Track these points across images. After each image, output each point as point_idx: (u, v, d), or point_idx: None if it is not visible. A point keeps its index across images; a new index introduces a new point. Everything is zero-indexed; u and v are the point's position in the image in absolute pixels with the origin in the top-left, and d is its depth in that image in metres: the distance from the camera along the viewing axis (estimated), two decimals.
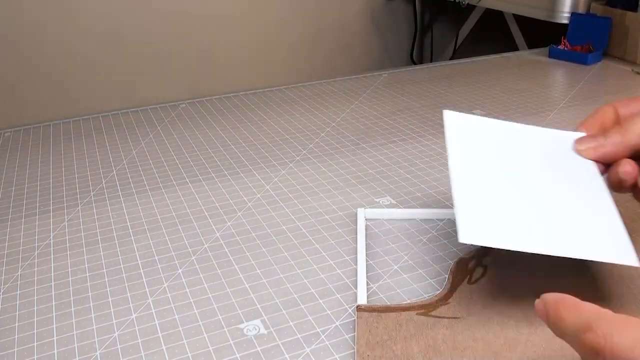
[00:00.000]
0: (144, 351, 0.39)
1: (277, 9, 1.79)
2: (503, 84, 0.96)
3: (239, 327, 0.41)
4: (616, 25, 1.09)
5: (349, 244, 0.50)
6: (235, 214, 0.56)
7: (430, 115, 0.82)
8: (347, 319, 0.41)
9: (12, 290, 0.46)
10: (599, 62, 1.07)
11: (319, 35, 1.88)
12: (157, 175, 0.65)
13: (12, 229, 0.55)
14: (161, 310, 0.43)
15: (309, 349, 0.38)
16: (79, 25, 1.54)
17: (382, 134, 0.75)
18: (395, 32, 2.02)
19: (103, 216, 0.57)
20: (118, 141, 0.76)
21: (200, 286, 0.45)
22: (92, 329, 0.41)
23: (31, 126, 0.83)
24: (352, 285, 0.45)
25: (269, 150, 0.71)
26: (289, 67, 1.87)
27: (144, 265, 0.48)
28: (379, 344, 0.36)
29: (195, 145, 0.74)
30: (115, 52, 1.60)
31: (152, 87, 1.68)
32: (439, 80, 0.99)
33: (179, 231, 0.54)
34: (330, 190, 0.60)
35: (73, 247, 0.52)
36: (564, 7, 1.19)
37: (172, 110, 0.88)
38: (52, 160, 0.71)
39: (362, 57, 1.99)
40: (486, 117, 0.48)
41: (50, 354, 0.39)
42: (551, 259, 0.44)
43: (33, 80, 1.54)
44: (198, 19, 1.68)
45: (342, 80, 1.01)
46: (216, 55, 1.74)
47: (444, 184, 0.61)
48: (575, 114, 0.80)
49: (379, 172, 0.64)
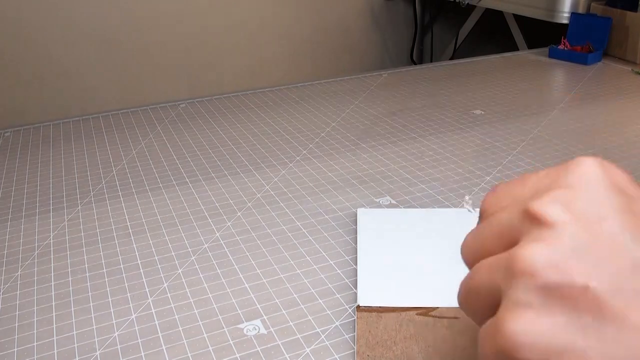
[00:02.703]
0: (144, 351, 0.39)
1: (277, 10, 1.79)
2: (503, 84, 0.96)
3: (239, 327, 0.41)
4: (616, 25, 1.09)
5: (349, 244, 0.50)
6: (235, 214, 0.56)
7: (430, 115, 0.82)
8: (347, 319, 0.41)
9: (12, 290, 0.46)
10: (599, 62, 1.07)
11: (319, 36, 1.88)
12: (157, 175, 0.65)
13: (12, 229, 0.55)
14: (161, 310, 0.43)
15: (309, 349, 0.38)
16: (80, 25, 1.54)
17: (382, 134, 0.75)
18: (395, 32, 2.02)
19: (103, 216, 0.57)
20: (118, 141, 0.76)
21: (200, 286, 0.45)
22: (92, 329, 0.41)
23: (31, 126, 0.83)
24: (352, 285, 0.45)
25: (269, 150, 0.71)
26: (289, 67, 1.87)
27: (143, 265, 0.48)
28: (379, 344, 0.36)
29: (195, 145, 0.74)
30: (115, 52, 1.61)
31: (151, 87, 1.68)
32: (439, 80, 0.99)
33: (179, 231, 0.54)
34: (330, 190, 0.60)
35: (73, 247, 0.52)
36: (564, 7, 1.19)
37: (172, 110, 0.88)
38: (52, 160, 0.71)
39: (362, 57, 1.99)
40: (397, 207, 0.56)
41: (50, 354, 0.39)
42: None
43: (33, 80, 1.54)
44: (198, 19, 1.68)
45: (342, 80, 1.01)
46: (216, 56, 1.74)
47: (444, 184, 0.61)
48: (575, 114, 0.80)
49: (379, 172, 0.64)
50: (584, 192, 0.23)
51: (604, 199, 0.23)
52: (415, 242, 0.48)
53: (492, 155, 0.67)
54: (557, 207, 0.22)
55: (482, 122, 0.78)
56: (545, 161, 0.65)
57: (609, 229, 0.22)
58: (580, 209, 0.23)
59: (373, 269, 0.44)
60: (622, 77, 0.98)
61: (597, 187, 0.23)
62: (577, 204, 0.23)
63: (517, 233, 0.23)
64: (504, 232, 0.24)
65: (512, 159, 0.66)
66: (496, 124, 0.77)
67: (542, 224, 0.22)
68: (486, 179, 0.61)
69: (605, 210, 0.22)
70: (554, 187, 0.24)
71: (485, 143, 0.71)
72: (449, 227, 0.50)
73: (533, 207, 0.23)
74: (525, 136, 0.73)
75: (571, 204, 0.23)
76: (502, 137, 0.73)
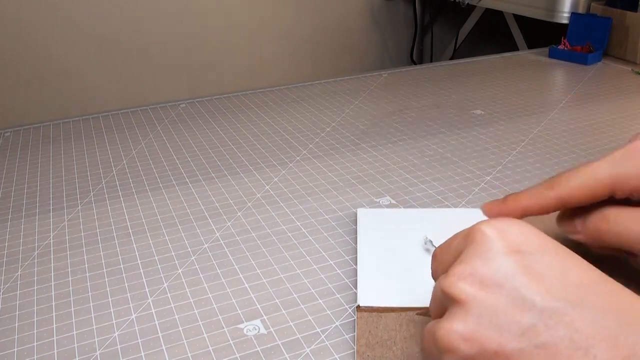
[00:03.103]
0: (144, 351, 0.39)
1: (277, 10, 1.79)
2: (503, 84, 0.96)
3: (239, 327, 0.41)
4: (616, 25, 1.09)
5: (349, 244, 0.50)
6: (235, 214, 0.56)
7: (430, 115, 0.82)
8: (347, 319, 0.41)
9: (12, 290, 0.46)
10: (599, 62, 1.07)
11: (319, 36, 1.88)
12: (157, 175, 0.65)
13: (12, 229, 0.55)
14: (161, 310, 0.43)
15: (309, 349, 0.38)
16: (80, 25, 1.54)
17: (382, 134, 0.75)
18: (395, 32, 2.02)
19: (103, 216, 0.57)
20: (118, 141, 0.76)
21: (200, 286, 0.45)
22: (92, 329, 0.41)
23: (31, 126, 0.83)
24: (352, 285, 0.45)
25: (269, 150, 0.71)
26: (289, 67, 1.87)
27: (144, 265, 0.48)
28: (379, 344, 0.36)
29: (195, 145, 0.74)
30: (115, 52, 1.61)
31: (151, 87, 1.68)
32: (439, 80, 0.99)
33: (179, 231, 0.54)
34: (330, 190, 0.60)
35: (73, 247, 0.52)
36: (564, 7, 1.19)
37: (172, 110, 0.88)
38: (52, 160, 0.71)
39: (362, 57, 1.99)
40: (397, 207, 0.56)
41: (50, 354, 0.39)
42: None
43: (33, 80, 1.54)
44: (198, 19, 1.68)
45: (342, 80, 1.01)
46: (216, 56, 1.74)
47: (444, 184, 0.61)
48: (575, 113, 0.81)
49: (379, 172, 0.64)
50: (483, 262, 0.27)
51: (500, 265, 0.26)
52: (415, 242, 0.48)
53: (492, 155, 0.67)
54: (461, 285, 0.26)
55: (482, 122, 0.78)
56: (545, 161, 0.65)
57: (508, 291, 0.25)
58: (481, 278, 0.26)
59: (373, 269, 0.45)
60: (622, 77, 0.98)
61: (494, 254, 0.27)
62: (477, 275, 0.26)
63: (445, 307, 0.28)
64: (437, 304, 0.29)
65: (512, 159, 0.66)
66: (496, 124, 0.77)
67: (455, 302, 0.26)
68: (486, 179, 0.61)
69: (501, 275, 0.26)
70: (460, 260, 0.28)
71: (485, 143, 0.71)
72: (449, 227, 0.50)
73: (444, 289, 0.27)
74: (525, 136, 0.73)
75: (473, 276, 0.27)
76: (502, 137, 0.73)
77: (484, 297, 0.26)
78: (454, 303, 0.26)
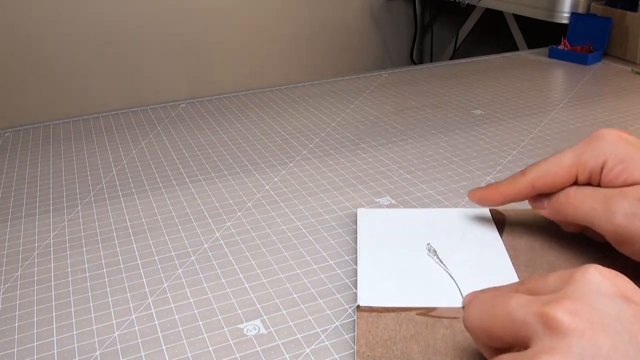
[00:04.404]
0: (144, 351, 0.39)
1: (277, 9, 1.79)
2: (503, 84, 0.96)
3: (239, 327, 0.41)
4: (616, 25, 1.09)
5: (349, 244, 0.50)
6: (235, 214, 0.56)
7: (430, 115, 0.82)
8: (347, 319, 0.41)
9: (12, 290, 0.46)
10: (599, 62, 1.07)
11: (319, 36, 1.88)
12: (157, 175, 0.65)
13: (12, 229, 0.55)
14: (161, 310, 0.43)
15: (309, 349, 0.38)
16: (79, 25, 1.54)
17: (382, 134, 0.75)
18: (395, 32, 2.02)
19: (103, 216, 0.57)
20: (118, 141, 0.76)
21: (200, 286, 0.45)
22: (92, 329, 0.41)
23: (31, 126, 0.83)
24: (352, 285, 0.45)
25: (269, 150, 0.71)
26: (289, 67, 1.87)
27: (144, 265, 0.48)
28: (379, 344, 0.36)
29: (195, 145, 0.74)
30: (115, 52, 1.61)
31: (151, 87, 1.68)
32: (439, 80, 0.99)
33: (179, 231, 0.54)
34: (330, 190, 0.60)
35: (73, 247, 0.52)
36: (564, 7, 1.19)
37: (172, 110, 0.88)
38: (52, 160, 0.71)
39: (362, 57, 1.99)
40: (397, 207, 0.56)
41: (50, 354, 0.39)
42: (551, 262, 0.44)
43: (33, 80, 1.54)
44: (198, 19, 1.68)
45: (342, 80, 1.01)
46: (216, 56, 1.74)
47: (444, 184, 0.61)
48: (575, 113, 0.81)
49: (379, 172, 0.64)
50: (590, 303, 0.24)
51: (609, 309, 0.24)
52: (415, 242, 0.48)
53: (492, 155, 0.67)
54: (570, 316, 0.24)
55: (482, 122, 0.78)
56: None
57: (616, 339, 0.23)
58: (588, 319, 0.24)
59: (373, 269, 0.45)
60: (622, 77, 0.98)
61: (607, 297, 0.25)
62: (583, 315, 0.24)
63: (530, 332, 0.25)
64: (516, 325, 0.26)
65: (512, 159, 0.66)
66: (496, 124, 0.77)
67: (555, 330, 0.24)
68: (486, 179, 0.61)
69: (610, 321, 0.24)
70: (564, 294, 0.25)
71: (485, 143, 0.71)
72: (449, 227, 0.50)
73: (550, 312, 0.24)
74: (525, 136, 0.73)
75: (579, 314, 0.24)
76: (502, 137, 0.73)
77: (591, 338, 0.23)
78: (555, 332, 0.24)
